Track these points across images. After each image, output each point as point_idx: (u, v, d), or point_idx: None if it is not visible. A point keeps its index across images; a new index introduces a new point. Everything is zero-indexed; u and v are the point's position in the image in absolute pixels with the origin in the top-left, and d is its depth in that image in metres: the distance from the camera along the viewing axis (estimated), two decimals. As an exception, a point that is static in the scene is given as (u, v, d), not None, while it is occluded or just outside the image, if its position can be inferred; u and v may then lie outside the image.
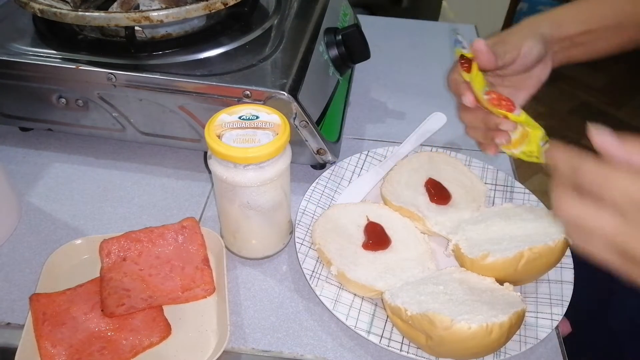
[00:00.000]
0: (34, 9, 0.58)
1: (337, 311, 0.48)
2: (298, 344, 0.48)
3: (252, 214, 0.50)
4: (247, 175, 0.46)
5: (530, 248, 0.47)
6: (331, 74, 0.68)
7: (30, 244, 0.56)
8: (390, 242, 0.54)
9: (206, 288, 0.50)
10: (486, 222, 0.54)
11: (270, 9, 0.70)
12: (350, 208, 0.58)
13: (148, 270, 0.51)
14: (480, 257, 0.49)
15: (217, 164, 0.47)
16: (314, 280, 0.50)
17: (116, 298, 0.47)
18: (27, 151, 0.67)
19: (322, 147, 0.60)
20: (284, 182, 0.50)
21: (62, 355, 0.44)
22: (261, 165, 0.46)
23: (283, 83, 0.56)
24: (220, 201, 0.52)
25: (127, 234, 0.52)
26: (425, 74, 0.88)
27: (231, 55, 0.61)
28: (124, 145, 0.69)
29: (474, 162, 0.66)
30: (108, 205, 0.61)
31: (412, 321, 0.43)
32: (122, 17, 0.55)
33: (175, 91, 0.57)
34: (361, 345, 0.48)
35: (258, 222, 0.51)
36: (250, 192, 0.48)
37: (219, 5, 0.58)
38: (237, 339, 0.48)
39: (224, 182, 0.47)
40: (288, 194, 0.52)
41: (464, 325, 0.40)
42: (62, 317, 0.46)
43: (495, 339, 0.41)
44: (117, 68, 0.57)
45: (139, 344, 0.46)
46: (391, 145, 0.68)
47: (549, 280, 0.52)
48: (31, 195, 0.61)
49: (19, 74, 0.59)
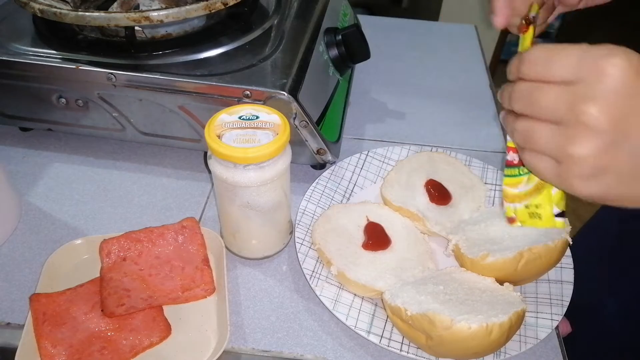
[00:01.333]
0: (33, 9, 0.58)
1: (337, 311, 0.48)
2: (298, 344, 0.48)
3: (252, 214, 0.50)
4: (247, 175, 0.46)
5: (530, 248, 0.47)
6: (331, 74, 0.68)
7: (30, 244, 0.56)
8: (390, 242, 0.54)
9: (206, 288, 0.50)
10: (486, 222, 0.54)
11: (270, 9, 0.70)
12: (350, 208, 0.58)
13: (148, 270, 0.51)
14: (480, 257, 0.49)
15: (217, 164, 0.47)
16: (314, 280, 0.50)
17: (116, 298, 0.47)
18: (27, 151, 0.67)
19: (322, 147, 0.60)
20: (284, 182, 0.50)
21: (62, 355, 0.44)
22: (261, 165, 0.46)
23: (283, 83, 0.56)
24: (220, 201, 0.52)
25: (127, 234, 0.52)
26: (425, 74, 0.88)
27: (231, 55, 0.61)
28: (124, 145, 0.69)
29: (474, 162, 0.66)
30: (108, 205, 0.61)
31: (412, 321, 0.43)
32: (122, 17, 0.55)
33: (175, 91, 0.57)
34: (361, 345, 0.48)
35: (258, 222, 0.51)
36: (250, 192, 0.48)
37: (219, 5, 0.58)
38: (237, 339, 0.48)
39: (224, 182, 0.47)
40: (288, 194, 0.52)
41: (464, 325, 0.40)
42: (62, 317, 0.46)
43: (495, 339, 0.41)
44: (117, 68, 0.57)
45: (139, 344, 0.46)
46: (391, 145, 0.68)
47: (549, 280, 0.52)
48: (31, 195, 0.61)
49: (19, 74, 0.59)
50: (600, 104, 0.29)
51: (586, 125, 0.29)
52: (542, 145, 0.32)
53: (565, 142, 0.30)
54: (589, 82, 0.29)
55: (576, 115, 0.29)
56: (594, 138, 0.29)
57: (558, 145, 0.31)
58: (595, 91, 0.29)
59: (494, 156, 0.71)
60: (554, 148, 0.31)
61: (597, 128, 0.29)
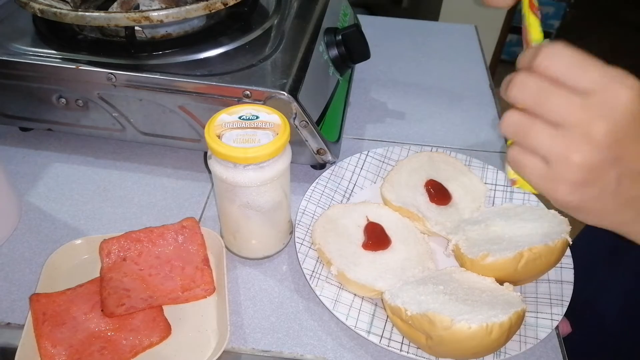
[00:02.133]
0: (34, 9, 0.58)
1: (337, 311, 0.48)
2: (298, 343, 0.48)
3: (252, 214, 0.50)
4: (247, 175, 0.46)
5: (530, 248, 0.47)
6: (331, 74, 0.68)
7: (30, 244, 0.56)
8: (390, 242, 0.54)
9: (206, 288, 0.50)
10: (486, 222, 0.54)
11: (270, 9, 0.70)
12: (350, 208, 0.58)
13: (148, 270, 0.51)
14: (480, 257, 0.49)
15: (217, 164, 0.47)
16: (314, 280, 0.51)
17: (116, 298, 0.47)
18: (27, 151, 0.67)
19: (322, 147, 0.60)
20: (284, 182, 0.50)
21: (62, 355, 0.44)
22: (261, 165, 0.46)
23: (283, 83, 0.56)
24: (220, 201, 0.52)
25: (127, 234, 0.52)
26: (425, 74, 0.88)
27: (231, 55, 0.61)
28: (124, 145, 0.69)
29: (474, 162, 0.66)
30: (108, 205, 0.61)
31: (412, 321, 0.43)
32: (122, 17, 0.55)
33: (175, 91, 0.57)
34: (361, 345, 0.48)
35: (258, 222, 0.51)
36: (250, 192, 0.48)
37: (219, 5, 0.58)
38: (237, 338, 0.48)
39: (223, 182, 0.47)
40: (288, 194, 0.52)
41: (464, 325, 0.40)
42: (62, 317, 0.46)
43: (495, 339, 0.41)
44: (117, 68, 0.57)
45: (139, 344, 0.46)
46: (391, 145, 0.68)
47: (549, 280, 0.52)
48: (31, 195, 0.61)
49: (19, 74, 0.59)
50: (611, 124, 0.30)
51: (591, 138, 0.30)
52: (537, 143, 0.32)
53: (565, 147, 0.31)
54: (605, 99, 0.30)
55: (585, 127, 0.30)
56: (595, 151, 0.31)
57: (556, 148, 0.31)
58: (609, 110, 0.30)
59: (494, 156, 0.71)
60: (550, 149, 0.32)
61: (600, 144, 0.30)
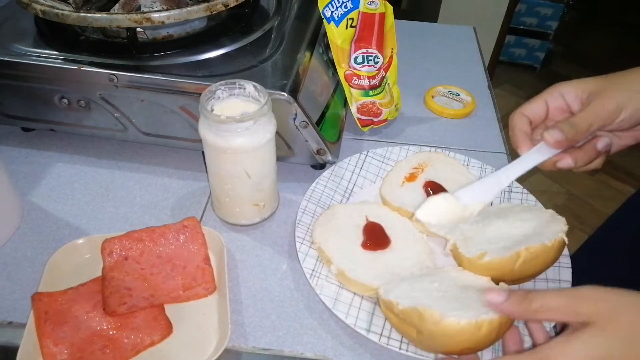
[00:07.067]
0: (35, 10, 0.58)
1: (337, 310, 0.48)
2: (298, 342, 0.48)
3: (238, 180, 0.53)
4: (236, 140, 0.49)
5: (527, 248, 0.47)
6: (331, 75, 0.69)
7: (33, 243, 0.56)
8: (389, 242, 0.54)
9: (207, 287, 0.50)
10: (484, 221, 0.54)
11: (271, 11, 0.71)
12: (350, 208, 0.58)
13: (149, 270, 0.51)
14: (478, 257, 0.49)
15: (206, 130, 0.50)
16: (314, 279, 0.51)
17: (118, 297, 0.48)
18: (30, 151, 0.68)
19: (322, 147, 0.61)
20: (270, 150, 0.53)
21: (64, 353, 0.44)
22: (247, 127, 0.49)
23: (283, 84, 0.56)
24: (210, 166, 0.55)
25: (128, 234, 0.53)
26: (424, 74, 0.88)
27: (232, 57, 0.61)
28: (126, 146, 0.69)
29: (473, 162, 0.66)
30: (110, 205, 0.61)
31: (403, 315, 0.44)
32: (124, 19, 0.55)
33: (176, 92, 0.58)
34: (361, 343, 0.48)
35: (246, 188, 0.54)
36: (238, 158, 0.51)
37: (219, 6, 0.59)
38: (237, 337, 0.48)
39: (212, 147, 0.50)
40: (274, 162, 0.56)
41: (453, 320, 0.40)
42: (64, 316, 0.47)
43: (485, 335, 0.41)
44: (119, 69, 0.58)
45: (140, 343, 0.46)
46: (391, 145, 0.68)
47: (547, 279, 0.52)
48: (33, 195, 0.62)
49: (22, 74, 0.60)
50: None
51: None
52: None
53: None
54: (602, 326, 0.36)
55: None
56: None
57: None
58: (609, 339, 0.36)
59: (492, 156, 0.71)
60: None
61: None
